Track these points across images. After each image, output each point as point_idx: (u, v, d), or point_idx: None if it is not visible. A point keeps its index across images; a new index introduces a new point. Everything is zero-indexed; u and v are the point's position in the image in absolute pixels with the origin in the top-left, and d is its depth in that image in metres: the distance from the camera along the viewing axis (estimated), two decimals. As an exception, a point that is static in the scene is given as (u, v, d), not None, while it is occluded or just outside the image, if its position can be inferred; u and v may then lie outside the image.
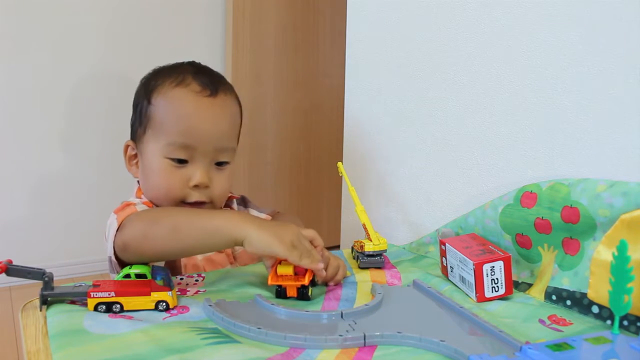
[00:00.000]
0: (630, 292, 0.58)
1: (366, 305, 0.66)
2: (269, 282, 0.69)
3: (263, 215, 0.94)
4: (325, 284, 0.76)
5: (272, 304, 0.66)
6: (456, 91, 0.91)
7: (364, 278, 0.80)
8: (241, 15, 2.02)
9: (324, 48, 2.17)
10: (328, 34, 2.16)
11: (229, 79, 2.12)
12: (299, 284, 0.69)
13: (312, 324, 0.62)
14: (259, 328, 0.59)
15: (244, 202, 0.96)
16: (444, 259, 0.81)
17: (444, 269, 0.81)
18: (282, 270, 0.69)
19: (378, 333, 0.59)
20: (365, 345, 0.58)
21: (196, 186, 0.79)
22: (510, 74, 0.83)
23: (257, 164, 2.10)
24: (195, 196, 0.80)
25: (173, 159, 0.79)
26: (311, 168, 2.23)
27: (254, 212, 0.95)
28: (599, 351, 0.54)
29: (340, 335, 0.58)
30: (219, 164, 0.82)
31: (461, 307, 0.66)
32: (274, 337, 0.58)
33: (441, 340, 0.58)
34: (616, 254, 0.58)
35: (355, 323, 0.62)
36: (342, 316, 0.64)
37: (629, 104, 0.69)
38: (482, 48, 0.86)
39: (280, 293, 0.70)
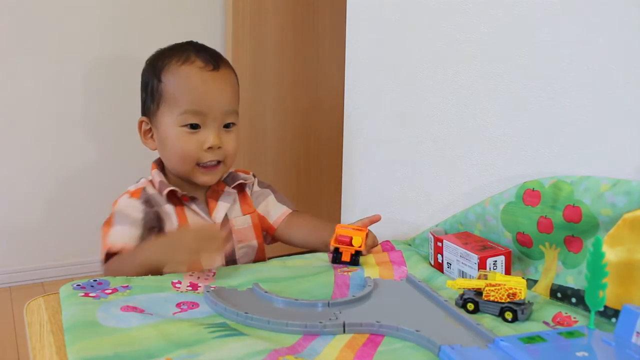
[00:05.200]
0: (604, 288, 0.60)
1: (353, 296, 0.69)
2: (331, 244, 0.85)
3: (282, 209, 1.02)
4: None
5: (266, 292, 0.69)
6: (456, 91, 0.92)
7: (373, 273, 0.81)
8: (241, 15, 2.02)
9: (324, 48, 2.18)
10: (328, 34, 2.17)
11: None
12: (353, 249, 0.84)
13: (302, 311, 0.66)
14: (246, 313, 0.63)
15: (272, 190, 1.06)
16: (439, 255, 0.82)
17: (439, 266, 0.82)
18: (341, 231, 0.85)
19: (358, 322, 0.62)
20: (344, 333, 0.61)
21: (210, 148, 0.90)
22: (510, 74, 0.83)
23: (257, 164, 2.10)
24: (209, 157, 0.91)
25: (187, 125, 0.90)
26: (311, 168, 2.23)
27: (272, 203, 1.03)
28: (569, 344, 0.56)
29: (320, 322, 0.62)
30: (227, 126, 0.93)
31: (446, 300, 0.68)
32: (257, 321, 0.63)
33: (416, 330, 0.60)
34: (591, 249, 0.60)
35: (340, 312, 0.65)
36: (328, 305, 0.67)
37: (629, 104, 0.69)
38: (482, 48, 0.87)
39: (336, 259, 0.84)
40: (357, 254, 0.84)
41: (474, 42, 0.88)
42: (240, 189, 1.00)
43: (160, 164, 0.97)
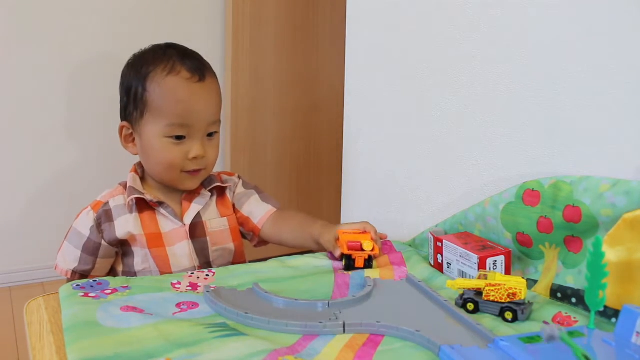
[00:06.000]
0: (604, 288, 0.60)
1: (353, 296, 0.69)
2: (344, 252, 0.82)
3: (267, 208, 1.00)
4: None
5: (266, 292, 0.69)
6: (456, 91, 0.92)
7: (373, 273, 0.81)
8: (241, 15, 2.03)
9: (324, 48, 2.18)
10: (328, 34, 2.17)
11: (229, 79, 2.13)
12: (366, 254, 0.82)
13: (302, 311, 0.66)
14: (246, 313, 0.63)
15: (257, 191, 1.04)
16: (439, 255, 0.82)
17: (439, 266, 0.82)
18: (348, 237, 0.84)
19: (358, 322, 0.62)
20: (344, 333, 0.61)
21: (194, 158, 0.92)
22: (510, 74, 0.83)
23: (257, 164, 2.10)
24: (192, 166, 0.92)
25: (172, 137, 0.90)
26: (311, 168, 2.23)
27: (255, 203, 1.01)
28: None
29: (320, 322, 0.62)
30: (210, 134, 0.94)
31: (446, 300, 0.68)
32: (257, 321, 0.63)
33: (417, 330, 0.60)
34: (591, 249, 0.60)
35: (340, 312, 0.65)
36: (328, 305, 0.67)
37: (629, 104, 0.69)
38: (482, 48, 0.87)
39: (350, 266, 0.82)
40: (370, 258, 0.83)
41: (474, 42, 0.88)
42: (221, 191, 1.00)
43: (140, 167, 0.98)
